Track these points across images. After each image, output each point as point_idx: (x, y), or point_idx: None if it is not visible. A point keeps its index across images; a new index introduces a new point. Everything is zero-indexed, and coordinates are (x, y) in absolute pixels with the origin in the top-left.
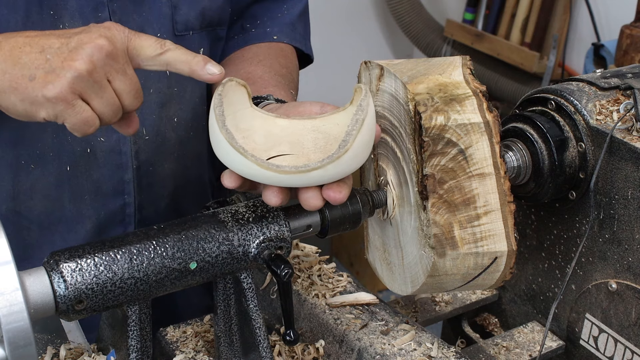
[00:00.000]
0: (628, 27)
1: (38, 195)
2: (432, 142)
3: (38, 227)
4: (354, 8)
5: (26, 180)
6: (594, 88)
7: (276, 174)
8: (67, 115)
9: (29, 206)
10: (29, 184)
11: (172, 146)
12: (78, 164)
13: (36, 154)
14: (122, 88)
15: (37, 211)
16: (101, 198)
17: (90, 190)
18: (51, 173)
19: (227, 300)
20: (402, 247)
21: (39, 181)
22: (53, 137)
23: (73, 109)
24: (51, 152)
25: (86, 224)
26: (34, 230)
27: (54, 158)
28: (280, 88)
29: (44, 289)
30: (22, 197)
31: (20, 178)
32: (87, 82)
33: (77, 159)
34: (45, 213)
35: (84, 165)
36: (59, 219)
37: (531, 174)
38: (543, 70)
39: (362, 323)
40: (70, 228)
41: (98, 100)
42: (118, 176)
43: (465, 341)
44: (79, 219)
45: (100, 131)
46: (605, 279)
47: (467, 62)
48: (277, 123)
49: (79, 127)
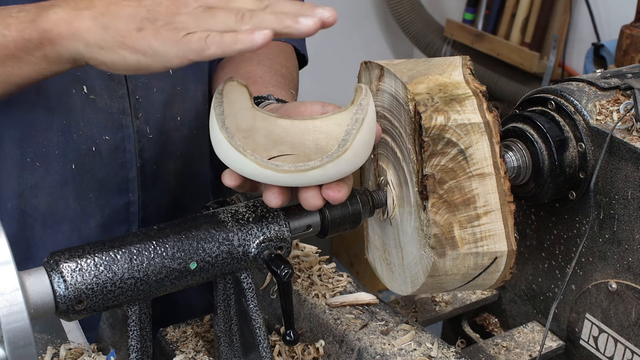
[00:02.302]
0: (628, 27)
1: (43, 193)
2: (432, 142)
3: (42, 225)
4: (354, 8)
5: (31, 178)
6: (594, 88)
7: (275, 173)
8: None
9: (34, 204)
10: (34, 182)
11: (176, 145)
12: (83, 162)
13: (41, 152)
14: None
15: (42, 209)
16: (105, 196)
17: (94, 189)
18: (56, 171)
19: (227, 300)
20: (402, 247)
21: (44, 179)
22: (59, 135)
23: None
24: (56, 150)
25: (90, 222)
26: (38, 228)
27: (59, 156)
28: (281, 88)
29: (44, 289)
30: (26, 194)
31: (25, 176)
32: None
33: (82, 157)
34: (50, 211)
35: (89, 163)
36: (63, 217)
37: (531, 174)
38: (543, 70)
39: (362, 323)
40: (74, 226)
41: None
42: (122, 174)
43: (465, 341)
44: (83, 217)
45: (104, 129)
46: (605, 279)
47: (467, 62)
48: (278, 123)
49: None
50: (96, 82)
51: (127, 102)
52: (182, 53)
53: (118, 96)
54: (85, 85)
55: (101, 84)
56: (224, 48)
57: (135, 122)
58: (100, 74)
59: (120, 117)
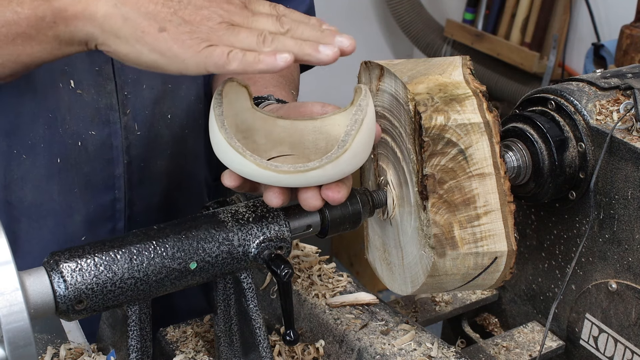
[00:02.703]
0: (628, 27)
1: (28, 186)
2: (432, 142)
3: (27, 219)
4: (354, 8)
5: (17, 170)
6: (594, 88)
7: (275, 174)
8: (209, 63)
9: (20, 196)
10: (20, 174)
11: (166, 143)
12: (69, 157)
13: (28, 144)
14: (262, 10)
15: (27, 202)
16: (91, 192)
17: (80, 184)
18: (42, 164)
19: (227, 300)
20: (402, 247)
21: (30, 172)
22: (45, 128)
23: (212, 56)
24: (42, 143)
25: (75, 218)
26: (24, 222)
27: (45, 149)
28: (281, 88)
29: (44, 289)
30: (13, 186)
31: (12, 167)
32: (218, 31)
33: (68, 151)
34: (35, 204)
35: (75, 157)
36: (48, 211)
37: (531, 174)
38: (543, 70)
39: (362, 323)
40: (59, 221)
41: (235, 39)
42: (108, 170)
43: (465, 341)
44: (68, 212)
45: (91, 124)
46: (605, 279)
47: (467, 62)
48: (278, 124)
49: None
50: (83, 77)
51: (115, 98)
52: (202, 63)
53: (106, 92)
54: (73, 79)
55: (89, 79)
56: (245, 66)
57: (123, 118)
58: (88, 68)
59: (108, 112)
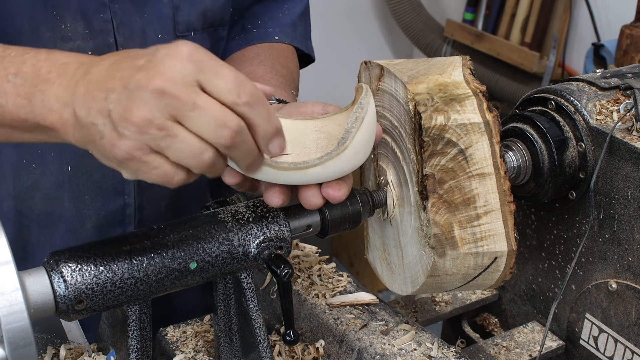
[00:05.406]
0: (628, 27)
1: (38, 195)
2: (432, 142)
3: (38, 226)
4: (354, 8)
5: (27, 179)
6: (594, 88)
7: (274, 170)
8: (142, 172)
9: (30, 205)
10: (30, 183)
11: None
12: (79, 165)
13: (37, 154)
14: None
15: (38, 210)
16: (101, 198)
17: (90, 191)
18: (52, 173)
19: (227, 300)
20: (402, 247)
21: (40, 181)
22: None
23: (146, 166)
24: (52, 152)
25: (86, 224)
26: (34, 229)
27: (55, 158)
28: (282, 88)
29: (44, 289)
30: (22, 195)
31: (21, 177)
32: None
33: (79, 160)
34: (46, 212)
35: (85, 165)
36: (59, 218)
37: (531, 174)
38: (543, 70)
39: (362, 323)
40: (70, 228)
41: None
42: (118, 176)
43: (465, 341)
44: (79, 219)
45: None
46: (605, 279)
47: (467, 62)
48: None
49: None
50: None
51: None
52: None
53: None
54: None
55: None
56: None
57: None
58: None
59: None
